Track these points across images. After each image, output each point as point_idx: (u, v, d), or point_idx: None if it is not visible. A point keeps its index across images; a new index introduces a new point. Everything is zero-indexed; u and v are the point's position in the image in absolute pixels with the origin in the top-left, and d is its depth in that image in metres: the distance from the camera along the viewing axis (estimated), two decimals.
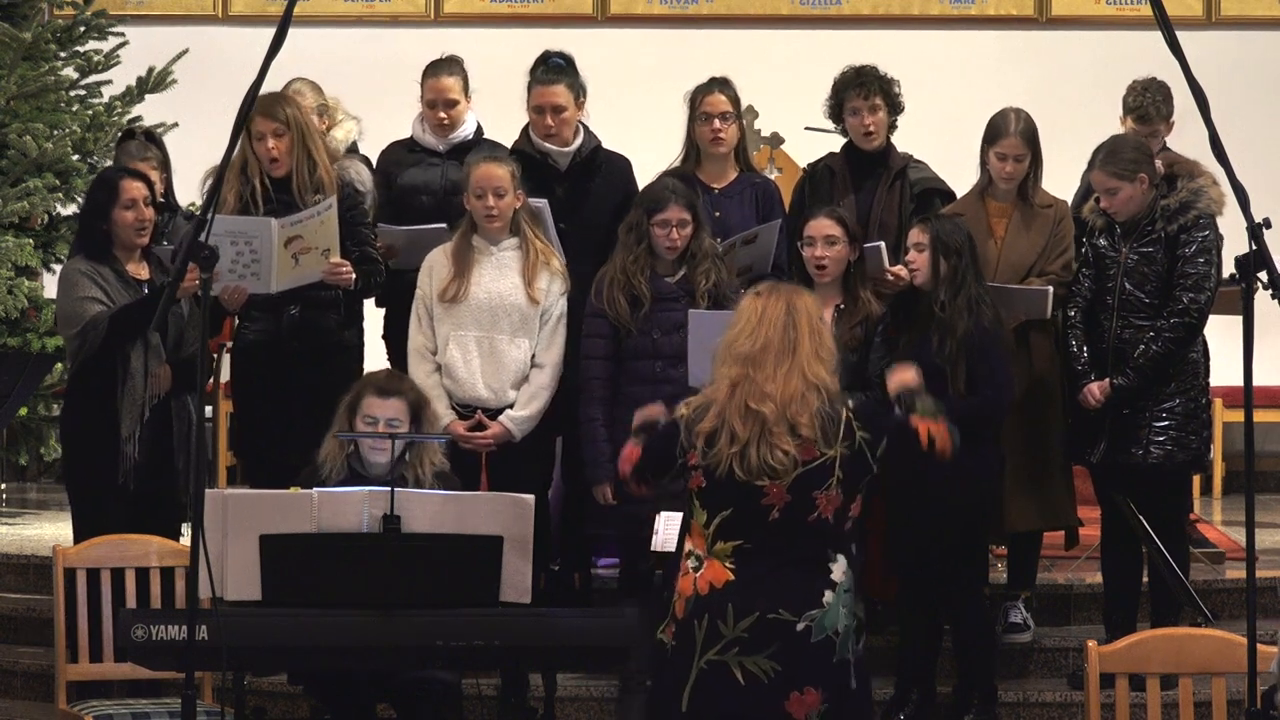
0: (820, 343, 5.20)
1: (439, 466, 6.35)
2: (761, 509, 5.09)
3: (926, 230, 6.93)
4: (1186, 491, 7.72)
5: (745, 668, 5.09)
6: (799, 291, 5.32)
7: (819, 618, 5.10)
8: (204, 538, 5.05)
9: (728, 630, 5.10)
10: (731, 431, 5.10)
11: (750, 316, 5.21)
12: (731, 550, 5.12)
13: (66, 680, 6.33)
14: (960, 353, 6.79)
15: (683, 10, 11.42)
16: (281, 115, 7.11)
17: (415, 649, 5.60)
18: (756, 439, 5.07)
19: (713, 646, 5.11)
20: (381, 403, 6.29)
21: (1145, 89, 7.96)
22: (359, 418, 6.29)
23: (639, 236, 6.96)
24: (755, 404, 5.10)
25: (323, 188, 7.11)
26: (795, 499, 5.09)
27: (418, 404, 6.37)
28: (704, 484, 5.14)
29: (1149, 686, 5.23)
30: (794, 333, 5.17)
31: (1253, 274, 4.69)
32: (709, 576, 5.12)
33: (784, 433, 5.08)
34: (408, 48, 9.73)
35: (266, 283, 6.95)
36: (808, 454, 5.09)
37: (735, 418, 5.10)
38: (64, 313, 6.89)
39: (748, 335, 5.18)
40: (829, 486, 5.10)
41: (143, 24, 10.50)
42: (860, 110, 7.45)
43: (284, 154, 7.11)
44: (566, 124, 7.42)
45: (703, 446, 5.12)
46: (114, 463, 6.76)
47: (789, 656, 5.08)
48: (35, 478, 10.83)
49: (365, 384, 6.40)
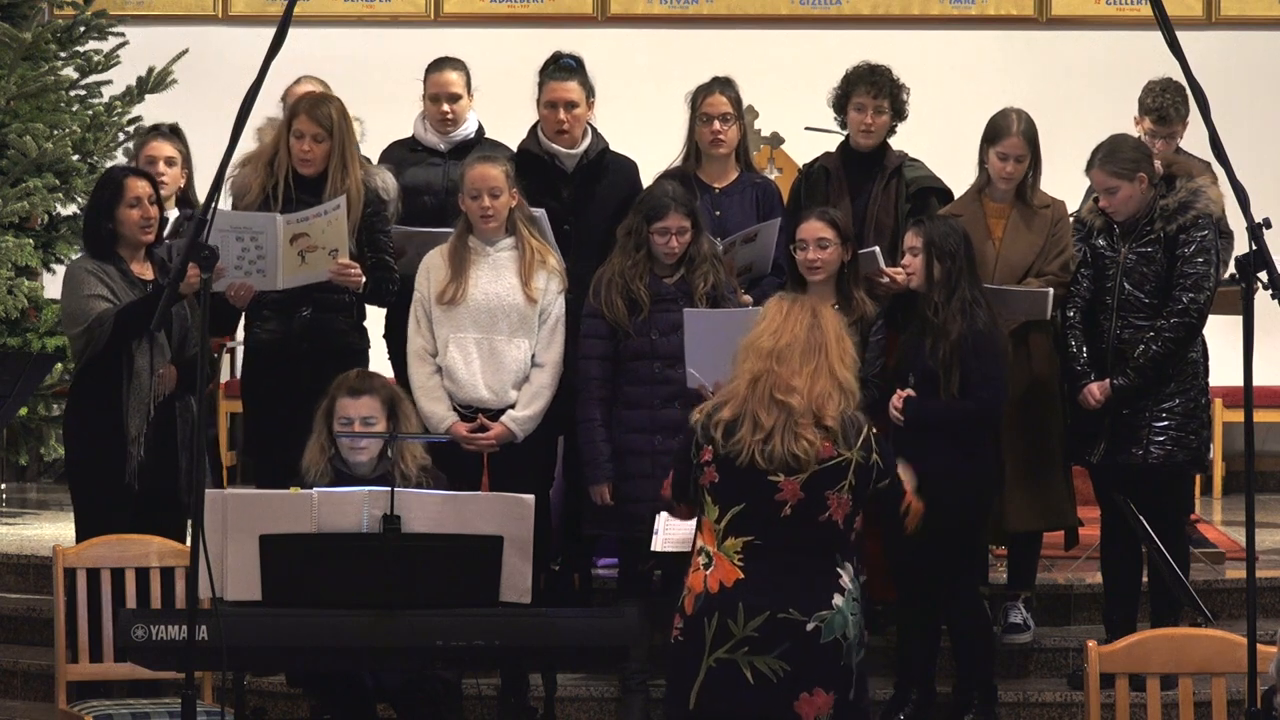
0: (845, 350, 5.30)
1: (421, 460, 6.40)
2: (774, 504, 5.14)
3: (920, 233, 6.93)
4: (1187, 491, 7.72)
5: (755, 667, 5.12)
6: (824, 303, 5.45)
7: (829, 619, 5.13)
8: (204, 538, 5.05)
9: (738, 629, 5.13)
10: (755, 420, 5.16)
11: (775, 316, 5.30)
12: (741, 546, 5.15)
13: (66, 680, 6.33)
14: (953, 356, 6.78)
15: (683, 10, 11.42)
16: (327, 122, 7.08)
17: (415, 649, 5.60)
18: (782, 428, 5.15)
19: (722, 645, 5.15)
20: (354, 402, 6.36)
21: (1164, 90, 7.94)
22: (335, 421, 6.35)
23: (638, 242, 6.95)
24: (782, 395, 5.17)
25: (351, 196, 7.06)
26: (808, 496, 5.14)
27: (392, 400, 6.43)
28: (718, 478, 5.18)
29: (1149, 686, 5.23)
30: (820, 334, 5.27)
31: (1253, 274, 4.70)
32: (719, 575, 5.16)
33: (809, 424, 5.16)
34: (408, 48, 9.73)
35: (272, 279, 6.95)
36: (827, 450, 5.15)
37: (759, 408, 5.17)
38: (69, 310, 6.89)
39: (771, 333, 5.27)
40: (841, 489, 5.16)
41: (143, 24, 10.50)
42: (865, 107, 7.43)
43: (318, 158, 7.09)
44: (579, 120, 7.41)
45: (721, 437, 5.18)
46: (118, 462, 6.76)
47: (799, 657, 5.11)
48: (35, 478, 10.83)
49: (338, 386, 6.45)
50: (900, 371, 6.93)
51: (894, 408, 6.83)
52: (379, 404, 6.37)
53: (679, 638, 5.25)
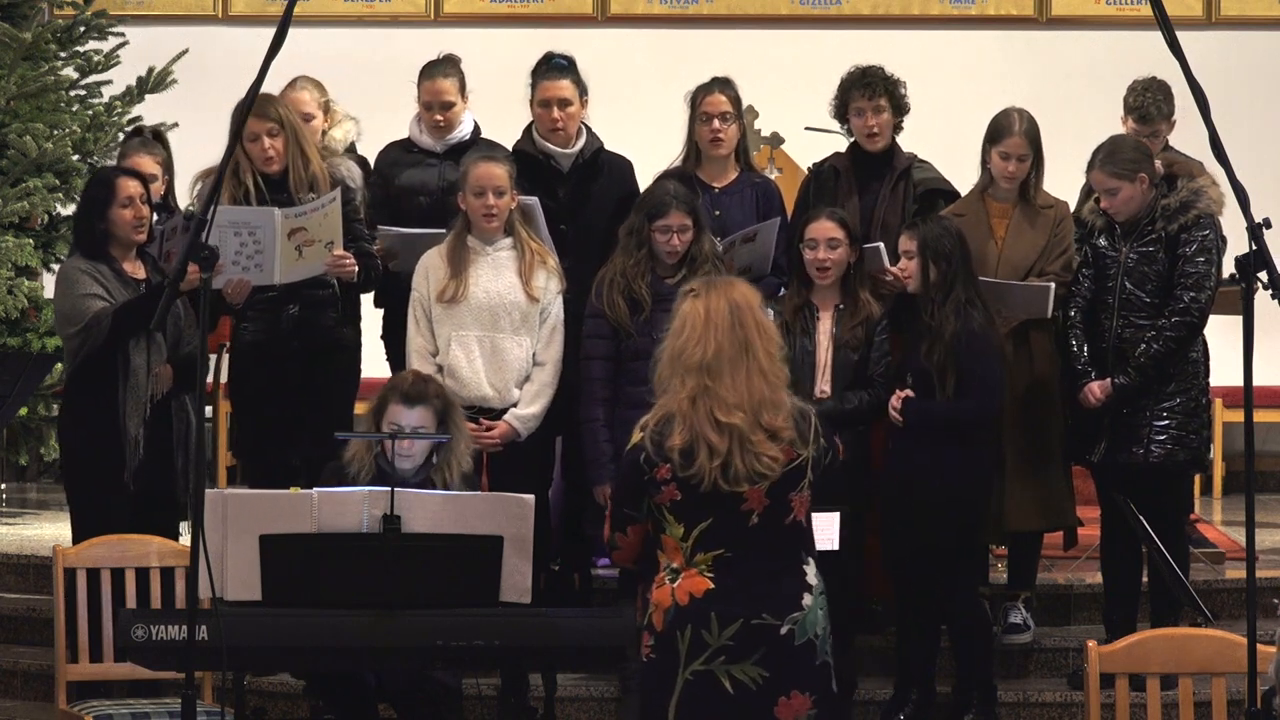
0: (768, 336, 5.05)
1: (466, 469, 6.31)
2: (741, 515, 5.00)
3: (914, 236, 6.93)
4: (1187, 491, 7.73)
5: (733, 676, 4.99)
6: (732, 283, 5.12)
7: (801, 620, 5.02)
8: (204, 538, 5.05)
9: (712, 639, 5.00)
10: (709, 446, 4.96)
11: (694, 322, 5.02)
12: (712, 560, 5.01)
13: (66, 680, 6.33)
14: (948, 357, 6.78)
15: (683, 10, 11.43)
16: (274, 115, 7.15)
17: (415, 649, 5.60)
18: (738, 450, 4.95)
19: (698, 657, 5.01)
20: (407, 411, 6.21)
21: (1145, 89, 7.95)
22: (385, 424, 6.21)
23: (639, 241, 6.95)
24: (724, 416, 4.96)
25: (317, 183, 7.13)
26: (773, 503, 5.00)
27: (444, 410, 6.29)
28: (680, 496, 5.00)
29: (1149, 686, 5.23)
30: (742, 331, 5.01)
31: (1253, 274, 4.69)
32: (688, 587, 5.02)
33: (764, 439, 4.97)
34: (408, 48, 9.70)
35: (270, 274, 6.95)
36: (789, 455, 5.00)
37: (708, 430, 4.96)
38: (64, 311, 6.88)
39: (696, 343, 5.01)
40: (802, 488, 5.03)
41: (143, 24, 10.50)
42: (865, 111, 7.43)
43: (280, 152, 7.14)
44: (572, 119, 7.42)
45: (679, 460, 4.98)
46: (114, 462, 6.76)
47: (776, 662, 5.00)
48: (35, 478, 10.83)
49: (392, 388, 6.30)
50: (899, 372, 6.94)
51: (893, 408, 6.83)
52: (432, 415, 6.21)
53: (650, 655, 5.10)
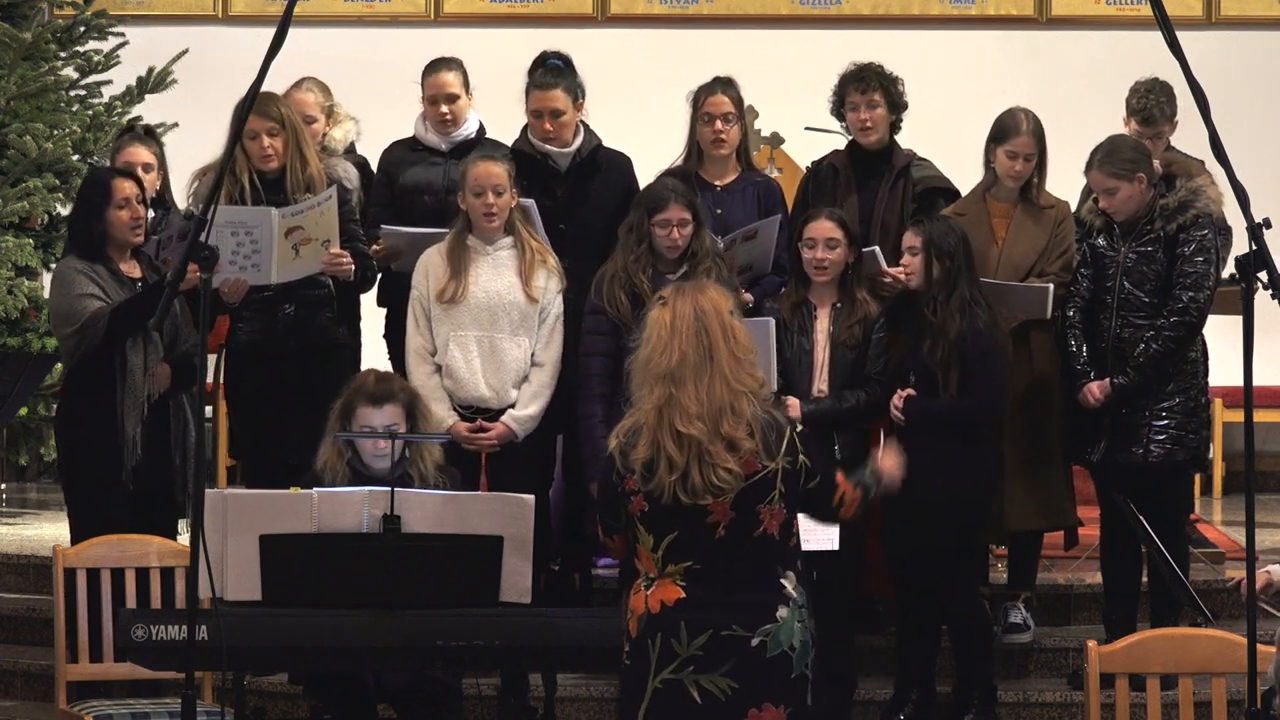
0: (735, 342, 5.00)
1: (438, 458, 6.34)
2: (707, 527, 4.95)
3: (919, 233, 6.93)
4: (1186, 491, 7.73)
5: (701, 686, 4.94)
6: (703, 288, 5.09)
7: (774, 632, 4.97)
8: (204, 538, 5.05)
9: (681, 649, 4.96)
10: (669, 458, 4.92)
11: (661, 330, 4.99)
12: (683, 571, 4.98)
13: (66, 680, 6.33)
14: (952, 355, 6.79)
15: (683, 10, 11.42)
16: (276, 114, 7.15)
17: (415, 649, 5.60)
18: (696, 461, 4.91)
19: (667, 665, 4.97)
20: (376, 411, 6.22)
21: (1149, 90, 7.94)
22: (355, 428, 6.23)
23: (640, 237, 6.96)
24: (683, 427, 4.91)
25: (314, 185, 7.15)
26: (739, 515, 4.95)
27: (411, 404, 6.32)
28: (647, 508, 4.97)
29: (1149, 686, 5.24)
30: (707, 338, 4.96)
31: (1253, 274, 4.69)
32: (660, 595, 4.98)
33: (722, 450, 4.92)
34: (408, 48, 9.72)
35: (267, 274, 6.96)
36: (749, 468, 4.93)
37: (668, 442, 4.92)
38: (61, 311, 6.88)
39: (661, 351, 4.97)
40: (771, 500, 4.96)
41: (143, 24, 10.50)
42: (859, 105, 7.43)
43: (279, 151, 7.15)
44: (565, 127, 7.42)
45: (641, 473, 4.95)
46: (112, 461, 6.76)
47: (745, 673, 4.95)
48: (35, 478, 10.82)
49: (355, 391, 6.30)
50: (901, 371, 6.94)
51: (894, 407, 6.84)
52: (400, 410, 6.24)
53: (626, 661, 5.07)
